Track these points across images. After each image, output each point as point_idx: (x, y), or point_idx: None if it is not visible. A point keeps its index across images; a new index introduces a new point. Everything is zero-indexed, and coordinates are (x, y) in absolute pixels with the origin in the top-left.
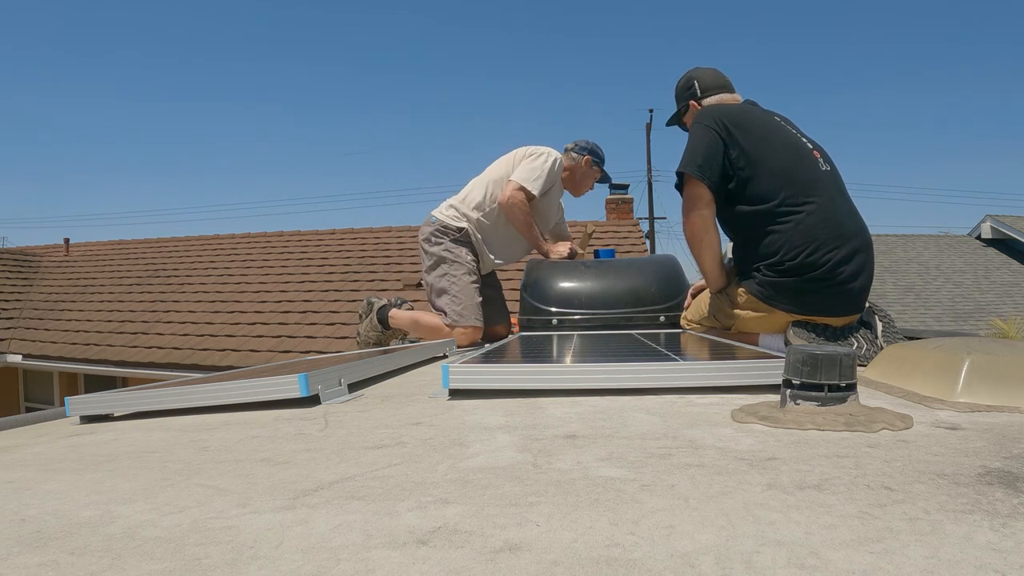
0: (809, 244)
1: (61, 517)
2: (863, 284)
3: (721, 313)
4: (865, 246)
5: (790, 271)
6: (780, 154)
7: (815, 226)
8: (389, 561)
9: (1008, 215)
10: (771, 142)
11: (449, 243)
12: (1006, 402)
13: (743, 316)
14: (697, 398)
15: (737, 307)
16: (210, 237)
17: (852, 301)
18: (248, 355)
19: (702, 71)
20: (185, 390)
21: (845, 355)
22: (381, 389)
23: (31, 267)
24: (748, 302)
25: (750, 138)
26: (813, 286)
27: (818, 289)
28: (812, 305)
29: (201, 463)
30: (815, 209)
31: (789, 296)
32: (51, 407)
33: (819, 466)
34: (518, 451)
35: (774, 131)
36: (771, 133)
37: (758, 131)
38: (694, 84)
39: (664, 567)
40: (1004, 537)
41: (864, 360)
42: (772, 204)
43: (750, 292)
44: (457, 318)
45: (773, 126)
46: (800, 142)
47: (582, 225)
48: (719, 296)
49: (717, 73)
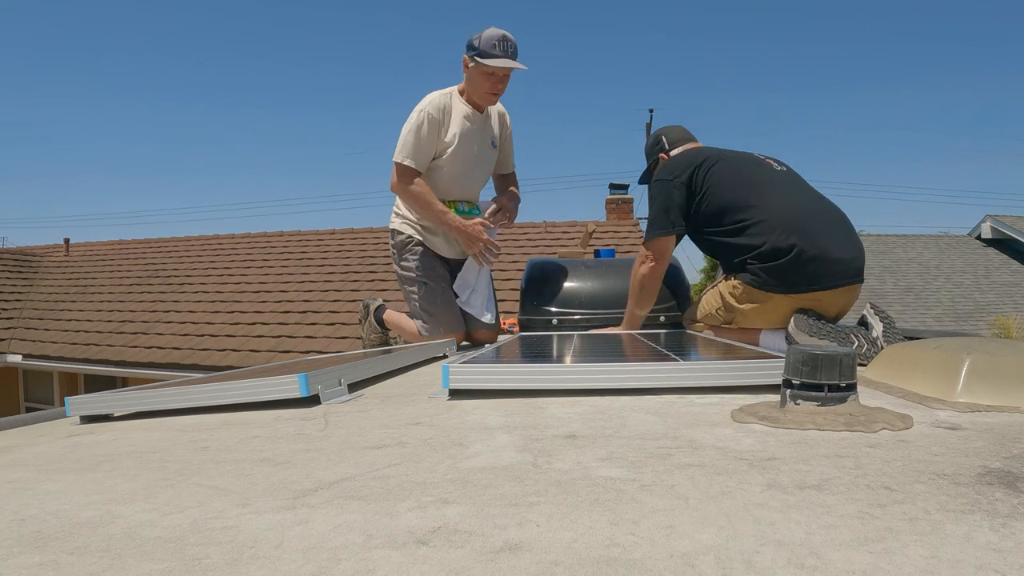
0: (786, 228)
1: (61, 517)
2: (851, 254)
3: (722, 310)
4: (841, 220)
5: (777, 253)
6: (739, 167)
7: (787, 211)
8: (389, 561)
9: (1008, 215)
10: (727, 159)
11: (401, 260)
12: (1006, 402)
13: (743, 309)
14: (697, 398)
15: (736, 300)
16: (210, 237)
17: (843, 269)
18: (248, 355)
19: (669, 128)
20: (185, 390)
21: (845, 355)
22: (381, 389)
23: (31, 267)
24: (745, 293)
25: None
26: (801, 261)
27: (806, 263)
28: (805, 279)
29: (201, 463)
30: (783, 199)
31: (780, 277)
32: (51, 407)
33: (819, 466)
34: (518, 451)
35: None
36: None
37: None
38: (662, 139)
39: (664, 567)
40: (1004, 537)
41: (864, 359)
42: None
43: (745, 283)
44: (426, 334)
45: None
46: (752, 154)
47: (582, 225)
48: (713, 295)
49: (682, 129)
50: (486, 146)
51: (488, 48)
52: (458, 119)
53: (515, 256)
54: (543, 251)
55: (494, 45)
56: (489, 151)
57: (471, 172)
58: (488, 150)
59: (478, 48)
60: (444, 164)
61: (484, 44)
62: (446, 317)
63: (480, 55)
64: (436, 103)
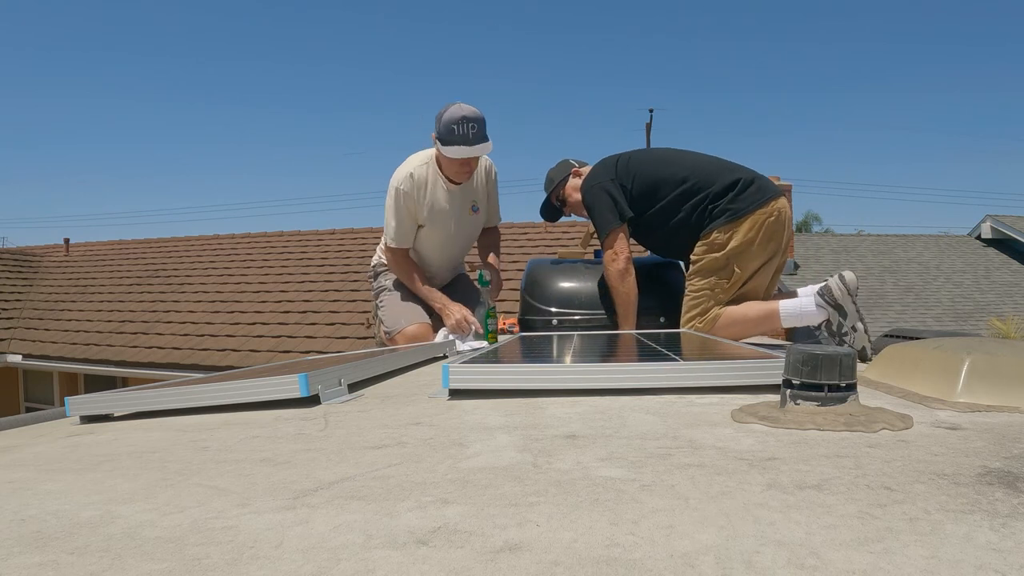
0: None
1: (61, 517)
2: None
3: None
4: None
5: (728, 188)
6: (650, 152)
7: (707, 163)
8: (389, 561)
9: (1008, 215)
10: (637, 152)
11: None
12: (1006, 402)
13: (736, 248)
14: (697, 398)
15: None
16: (210, 237)
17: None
18: (248, 355)
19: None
20: (185, 390)
21: (845, 355)
22: (381, 389)
23: (31, 267)
24: (726, 232)
25: (623, 161)
26: (746, 184)
27: (749, 184)
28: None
29: (201, 463)
30: (696, 157)
31: (745, 200)
32: (51, 407)
33: (819, 466)
34: (518, 451)
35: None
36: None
37: (623, 155)
38: (568, 161)
39: (664, 567)
40: (1004, 537)
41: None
42: (673, 174)
43: (725, 223)
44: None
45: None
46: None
47: (583, 225)
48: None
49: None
50: (466, 213)
51: (447, 134)
52: (434, 191)
53: (515, 256)
54: (543, 251)
55: (452, 130)
56: (470, 216)
57: (453, 241)
58: (469, 216)
59: (439, 132)
60: (424, 236)
61: (443, 130)
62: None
63: (441, 140)
64: (410, 179)
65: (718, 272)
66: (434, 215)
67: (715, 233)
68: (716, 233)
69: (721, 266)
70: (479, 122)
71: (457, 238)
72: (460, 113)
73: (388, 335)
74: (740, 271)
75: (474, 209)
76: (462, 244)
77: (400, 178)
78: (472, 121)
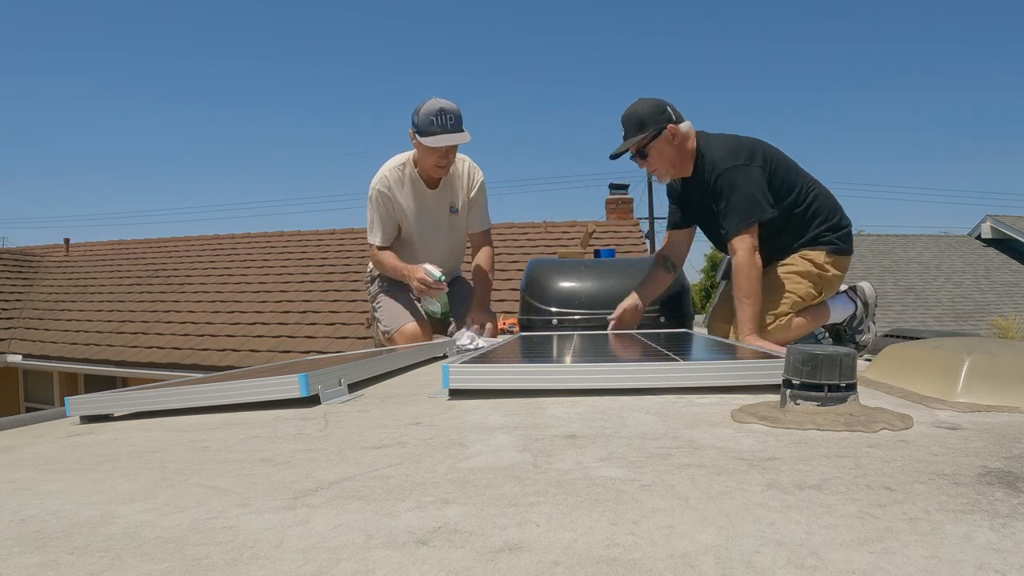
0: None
1: (61, 517)
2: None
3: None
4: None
5: (843, 222)
6: (777, 150)
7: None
8: (389, 561)
9: (1008, 215)
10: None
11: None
12: (1006, 402)
13: (832, 276)
14: (697, 398)
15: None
16: (210, 237)
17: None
18: (248, 355)
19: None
20: (185, 390)
21: (845, 355)
22: (381, 389)
23: (31, 267)
24: (832, 262)
25: (760, 147)
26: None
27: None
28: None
29: (201, 463)
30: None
31: (848, 242)
32: (51, 407)
33: (819, 466)
34: (518, 451)
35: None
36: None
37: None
38: (667, 109)
39: (664, 567)
40: (1004, 537)
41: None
42: (803, 184)
43: (835, 253)
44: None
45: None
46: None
47: (583, 225)
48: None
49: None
50: (444, 213)
51: (426, 125)
52: (410, 192)
53: (515, 256)
54: (543, 251)
55: (431, 121)
56: (448, 217)
57: (432, 240)
58: (447, 216)
59: (417, 125)
60: (403, 235)
61: (422, 121)
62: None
63: (419, 132)
64: (387, 179)
65: (813, 284)
66: (412, 214)
67: (822, 254)
68: (823, 255)
69: (815, 281)
70: (456, 114)
71: (436, 236)
72: (438, 105)
73: (386, 335)
74: (819, 296)
75: (452, 210)
76: (442, 242)
77: (378, 179)
78: (449, 113)
